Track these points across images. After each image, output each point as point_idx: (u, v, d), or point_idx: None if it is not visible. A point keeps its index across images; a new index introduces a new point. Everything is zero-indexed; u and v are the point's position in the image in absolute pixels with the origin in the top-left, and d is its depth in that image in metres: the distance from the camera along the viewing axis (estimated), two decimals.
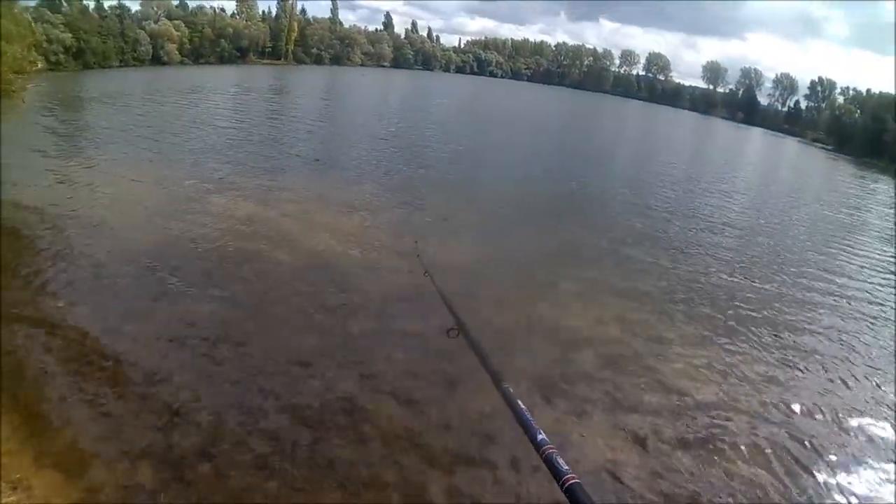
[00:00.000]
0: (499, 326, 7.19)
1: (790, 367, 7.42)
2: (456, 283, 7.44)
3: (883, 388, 7.23)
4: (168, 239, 9.13)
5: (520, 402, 1.20)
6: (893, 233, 18.73)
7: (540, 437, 1.05)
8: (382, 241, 10.05)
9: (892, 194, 32.03)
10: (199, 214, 10.44)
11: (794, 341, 8.24)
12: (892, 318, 9.87)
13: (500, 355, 6.18)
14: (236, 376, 5.70)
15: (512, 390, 1.27)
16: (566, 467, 0.95)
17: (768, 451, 5.55)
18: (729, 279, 10.59)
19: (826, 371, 7.50)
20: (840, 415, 6.43)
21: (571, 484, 0.91)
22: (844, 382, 7.23)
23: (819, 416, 6.33)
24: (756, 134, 73.32)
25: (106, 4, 50.52)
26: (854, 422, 6.37)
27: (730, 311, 8.94)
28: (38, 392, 5.08)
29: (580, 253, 11.04)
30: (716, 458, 5.37)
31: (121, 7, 52.91)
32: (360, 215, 11.45)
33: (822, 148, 65.28)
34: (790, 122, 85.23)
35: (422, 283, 3.42)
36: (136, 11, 56.26)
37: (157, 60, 55.43)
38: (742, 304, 9.35)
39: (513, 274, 9.28)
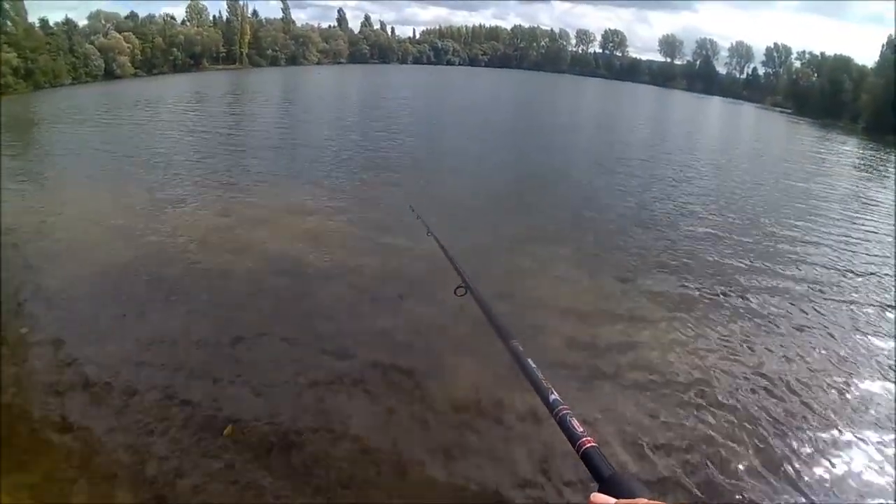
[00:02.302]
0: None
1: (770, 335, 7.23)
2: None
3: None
4: (129, 257, 8.74)
5: (530, 360, 1.10)
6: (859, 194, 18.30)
7: (553, 397, 0.96)
8: (346, 243, 9.74)
9: (859, 154, 32.70)
10: (161, 230, 10.04)
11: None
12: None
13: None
14: (210, 383, 5.60)
15: (522, 348, 1.14)
16: (581, 430, 0.87)
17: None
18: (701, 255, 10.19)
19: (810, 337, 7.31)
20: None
21: (588, 448, 0.82)
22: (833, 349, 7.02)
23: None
24: (716, 102, 74.95)
25: (51, 21, 47.76)
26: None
27: (700, 284, 8.76)
28: (8, 424, 4.87)
29: (545, 234, 10.74)
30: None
31: (67, 22, 49.95)
32: (324, 217, 11.07)
33: (782, 112, 67.21)
34: (749, 89, 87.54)
35: None
36: (84, 26, 53.46)
37: (110, 74, 52.81)
38: (711, 278, 9.10)
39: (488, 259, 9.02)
